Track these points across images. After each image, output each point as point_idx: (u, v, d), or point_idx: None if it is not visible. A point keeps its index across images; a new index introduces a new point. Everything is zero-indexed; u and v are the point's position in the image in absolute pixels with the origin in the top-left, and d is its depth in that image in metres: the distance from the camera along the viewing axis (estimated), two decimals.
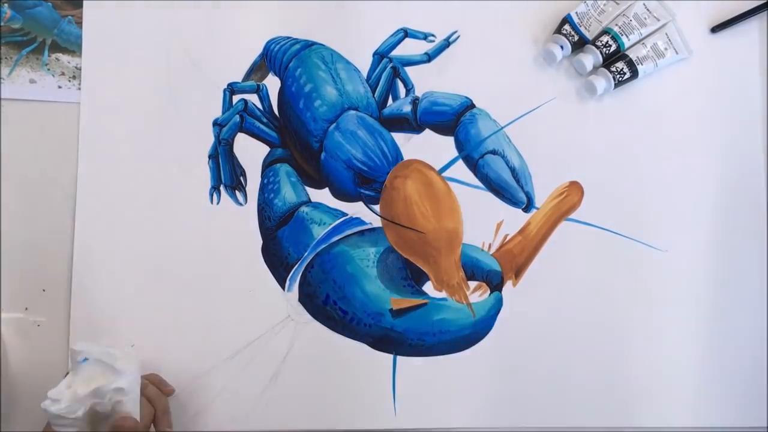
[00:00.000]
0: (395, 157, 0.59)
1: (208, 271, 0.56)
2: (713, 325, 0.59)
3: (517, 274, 0.58)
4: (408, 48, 0.61)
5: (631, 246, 0.59)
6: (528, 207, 0.59)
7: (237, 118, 0.58)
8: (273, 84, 0.60)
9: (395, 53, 0.60)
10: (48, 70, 0.58)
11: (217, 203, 0.57)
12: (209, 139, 0.58)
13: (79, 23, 0.58)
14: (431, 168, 0.59)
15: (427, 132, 0.60)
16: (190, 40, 0.59)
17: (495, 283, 0.58)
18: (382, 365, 0.56)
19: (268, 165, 0.58)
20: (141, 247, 0.56)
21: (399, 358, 0.56)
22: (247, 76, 0.60)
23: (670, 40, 0.60)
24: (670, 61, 0.61)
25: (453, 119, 0.60)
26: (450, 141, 0.59)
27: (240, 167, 0.58)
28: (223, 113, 0.59)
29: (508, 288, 0.58)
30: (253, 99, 0.59)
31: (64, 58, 0.58)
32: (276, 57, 0.60)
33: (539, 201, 0.59)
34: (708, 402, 0.58)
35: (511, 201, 0.59)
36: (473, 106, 0.60)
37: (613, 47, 0.59)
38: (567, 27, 0.60)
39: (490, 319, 0.57)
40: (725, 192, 0.61)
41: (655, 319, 0.59)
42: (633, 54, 0.59)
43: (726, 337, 0.59)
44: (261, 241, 0.57)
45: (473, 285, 0.58)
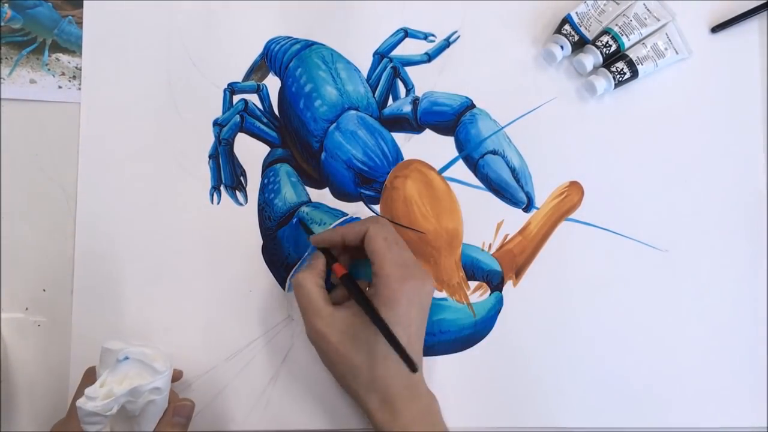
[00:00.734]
0: (395, 157, 0.59)
1: (208, 271, 0.56)
2: (713, 325, 0.59)
3: (518, 274, 0.58)
4: (408, 48, 0.61)
5: (631, 246, 0.59)
6: (528, 207, 0.59)
7: (237, 118, 0.58)
8: (273, 84, 0.60)
9: (395, 53, 0.60)
10: (48, 70, 0.58)
11: (218, 203, 0.57)
12: (209, 139, 0.58)
13: (80, 23, 0.58)
14: (431, 168, 0.59)
15: (427, 132, 0.60)
16: (190, 40, 0.59)
17: (495, 283, 0.58)
18: None
19: (268, 165, 0.58)
20: (141, 247, 0.56)
21: None
22: (247, 76, 0.60)
23: (670, 40, 0.60)
24: (670, 61, 0.61)
25: (453, 119, 0.60)
26: (450, 141, 0.60)
27: (240, 167, 0.58)
28: (224, 113, 0.59)
29: (508, 288, 0.58)
30: (254, 99, 0.59)
31: (64, 58, 0.58)
32: (276, 57, 0.60)
33: (539, 201, 0.59)
34: (708, 402, 0.58)
35: (511, 201, 0.59)
36: (473, 106, 0.60)
37: (614, 47, 0.59)
38: (567, 27, 0.60)
39: (490, 319, 0.57)
40: (725, 192, 0.61)
41: (655, 319, 0.59)
42: (633, 54, 0.59)
43: (726, 337, 0.59)
44: (261, 241, 0.57)
45: (473, 285, 0.58)
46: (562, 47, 0.59)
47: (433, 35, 0.61)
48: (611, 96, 0.61)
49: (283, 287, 0.57)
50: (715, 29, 0.62)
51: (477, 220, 0.58)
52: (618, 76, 0.59)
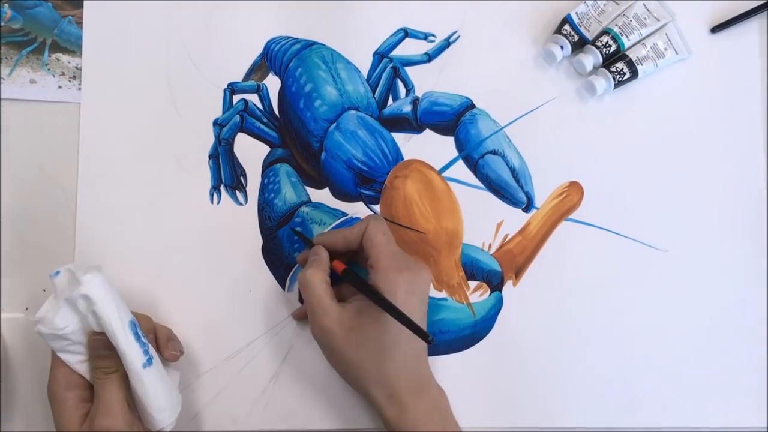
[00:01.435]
0: (395, 157, 0.59)
1: (208, 271, 0.56)
2: (713, 325, 0.59)
3: (518, 274, 0.58)
4: (408, 48, 0.61)
5: (631, 246, 0.59)
6: (528, 207, 0.59)
7: (237, 118, 0.58)
8: (273, 84, 0.60)
9: (395, 53, 0.60)
10: (48, 70, 0.58)
11: (218, 203, 0.57)
12: (209, 139, 0.58)
13: (80, 23, 0.58)
14: (431, 168, 0.59)
15: (427, 132, 0.60)
16: (190, 40, 0.59)
17: (495, 283, 0.58)
18: None
19: (268, 165, 0.58)
20: (141, 247, 0.56)
21: None
22: (247, 76, 0.60)
23: (670, 40, 0.60)
24: (670, 62, 0.61)
25: (453, 119, 0.60)
26: (450, 141, 0.60)
27: (240, 167, 0.58)
28: (224, 113, 0.59)
29: (508, 288, 0.58)
30: (254, 99, 0.59)
31: (64, 58, 0.58)
32: (276, 57, 0.60)
33: (539, 201, 0.59)
34: (708, 402, 0.58)
35: (511, 201, 0.59)
36: (473, 106, 0.60)
37: (613, 47, 0.59)
38: (567, 27, 0.60)
39: (490, 319, 0.57)
40: (725, 192, 0.61)
41: (655, 319, 0.59)
42: (633, 54, 0.59)
43: (726, 337, 0.59)
44: (261, 241, 0.57)
45: (473, 285, 0.58)
46: (562, 47, 0.59)
47: (433, 35, 0.61)
48: (611, 96, 0.61)
49: (283, 287, 0.57)
50: (715, 29, 0.62)
51: (477, 220, 0.58)
52: (618, 76, 0.59)
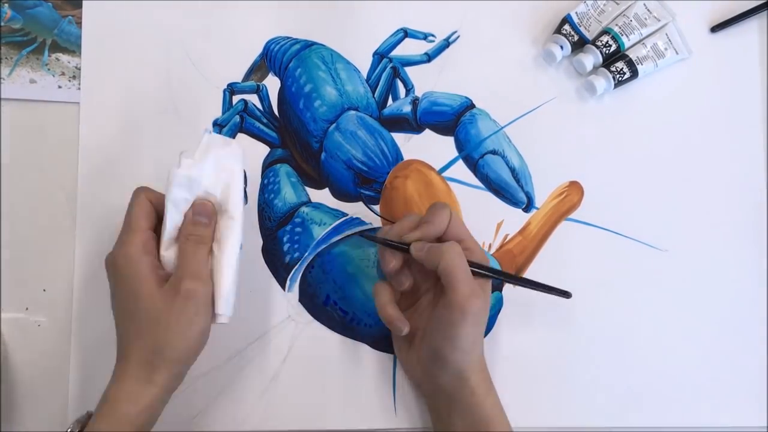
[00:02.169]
0: (395, 157, 0.59)
1: None
2: (713, 325, 0.59)
3: (518, 274, 0.58)
4: (408, 48, 0.61)
5: (631, 246, 0.59)
6: (528, 207, 0.59)
7: (237, 118, 0.58)
8: (273, 84, 0.60)
9: (395, 53, 0.60)
10: (48, 70, 0.58)
11: None
12: None
13: (79, 23, 0.58)
14: (431, 168, 0.59)
15: (427, 132, 0.60)
16: (190, 40, 0.59)
17: (495, 283, 0.58)
18: (382, 365, 0.56)
19: (268, 165, 0.58)
20: None
21: None
22: (247, 76, 0.60)
23: (670, 40, 0.60)
24: (670, 61, 0.61)
25: (453, 119, 0.60)
26: (450, 141, 0.60)
27: None
28: (223, 113, 0.59)
29: (508, 288, 0.58)
30: (253, 99, 0.59)
31: (64, 58, 0.58)
32: (276, 57, 0.60)
33: (539, 201, 0.59)
34: (708, 402, 0.58)
35: (511, 201, 0.59)
36: (473, 106, 0.60)
37: (613, 47, 0.59)
38: (567, 27, 0.60)
39: (490, 319, 0.57)
40: (725, 192, 0.61)
41: (655, 319, 0.59)
42: (633, 54, 0.59)
43: (726, 337, 0.59)
44: (261, 241, 0.57)
45: None
46: (561, 47, 0.59)
47: (433, 35, 0.61)
48: (611, 96, 0.61)
49: (283, 287, 0.57)
50: (715, 29, 0.62)
51: (477, 220, 0.58)
52: (618, 76, 0.59)
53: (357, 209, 0.58)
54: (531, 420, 0.57)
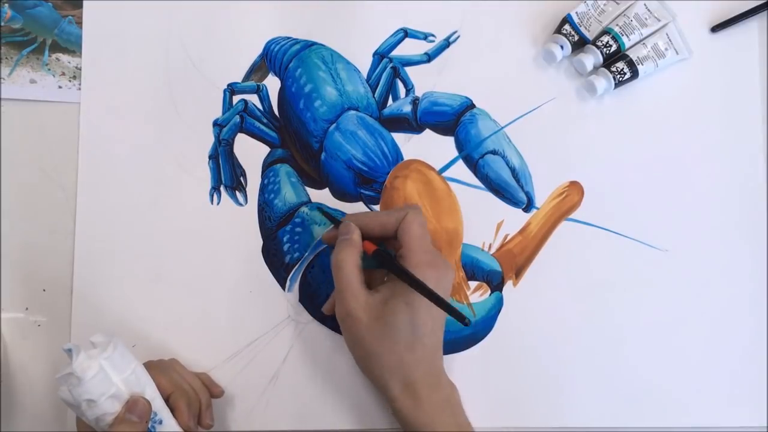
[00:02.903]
0: (395, 157, 0.59)
1: (208, 272, 0.56)
2: (713, 325, 0.59)
3: (518, 274, 0.58)
4: (408, 48, 0.61)
5: (631, 246, 0.59)
6: (528, 207, 0.59)
7: (237, 118, 0.58)
8: (273, 84, 0.60)
9: (395, 53, 0.60)
10: (48, 70, 0.58)
11: (218, 203, 0.57)
12: (209, 140, 0.58)
13: (80, 23, 0.58)
14: (431, 168, 0.59)
15: (427, 132, 0.60)
16: (190, 40, 0.59)
17: (495, 283, 0.58)
18: None
19: (268, 165, 0.58)
20: (141, 247, 0.56)
21: None
22: (247, 76, 0.60)
23: (670, 40, 0.60)
24: (670, 62, 0.60)
25: (453, 119, 0.60)
26: (450, 141, 0.60)
27: (240, 168, 0.58)
28: (223, 113, 0.59)
29: (508, 288, 0.58)
30: (253, 99, 0.59)
31: (64, 58, 0.58)
32: (276, 57, 0.60)
33: (539, 201, 0.59)
34: (708, 402, 0.58)
35: (511, 201, 0.59)
36: (473, 106, 0.60)
37: (614, 47, 0.59)
38: (567, 27, 0.59)
39: (490, 320, 0.57)
40: (725, 192, 0.61)
41: (655, 319, 0.59)
42: (633, 54, 0.59)
43: (726, 337, 0.59)
44: (261, 241, 0.57)
45: (473, 285, 0.58)
46: (562, 47, 0.59)
47: (433, 35, 0.61)
48: (611, 96, 0.61)
49: (283, 287, 0.57)
50: (715, 29, 0.62)
51: (477, 220, 0.58)
52: (618, 76, 0.59)
53: (357, 209, 0.58)
54: (531, 420, 0.57)
